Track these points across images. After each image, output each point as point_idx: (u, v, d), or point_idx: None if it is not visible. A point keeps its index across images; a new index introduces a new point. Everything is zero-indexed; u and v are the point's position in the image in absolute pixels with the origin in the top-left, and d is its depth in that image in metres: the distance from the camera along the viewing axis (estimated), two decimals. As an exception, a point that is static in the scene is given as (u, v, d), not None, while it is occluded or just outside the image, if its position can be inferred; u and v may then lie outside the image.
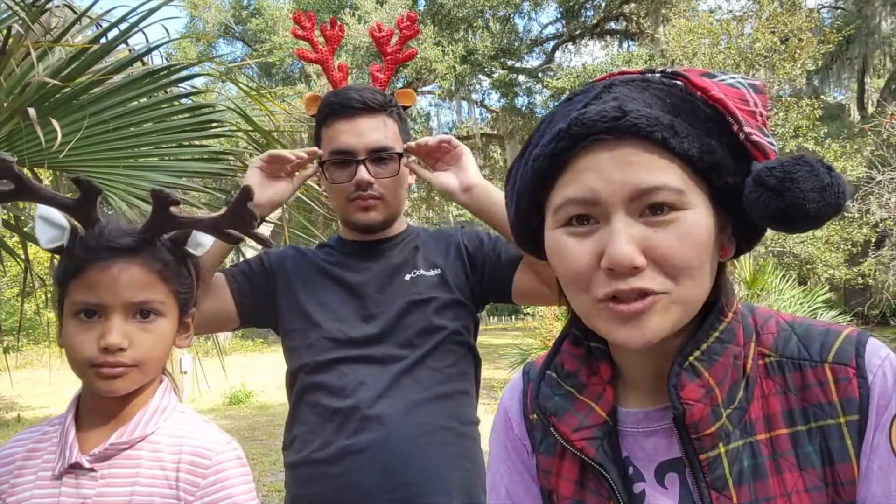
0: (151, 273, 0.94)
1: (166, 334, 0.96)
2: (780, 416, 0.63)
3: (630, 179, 0.58)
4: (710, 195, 0.61)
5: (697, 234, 0.59)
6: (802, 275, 10.64)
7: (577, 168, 0.61)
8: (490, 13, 14.33)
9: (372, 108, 1.38)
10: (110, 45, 2.00)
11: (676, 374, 0.62)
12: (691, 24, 10.90)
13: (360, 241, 1.46)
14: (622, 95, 0.61)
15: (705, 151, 0.59)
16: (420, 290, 1.39)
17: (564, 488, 0.71)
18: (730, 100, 0.61)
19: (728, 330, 0.64)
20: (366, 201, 1.38)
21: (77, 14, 2.18)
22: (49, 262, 2.81)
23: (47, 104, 1.87)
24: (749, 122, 0.61)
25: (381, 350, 1.34)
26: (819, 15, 12.63)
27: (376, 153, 1.37)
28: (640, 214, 0.59)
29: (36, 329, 8.05)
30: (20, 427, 6.99)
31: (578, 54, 27.82)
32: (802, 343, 0.65)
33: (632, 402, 0.70)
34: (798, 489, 0.61)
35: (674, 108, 0.60)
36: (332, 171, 1.40)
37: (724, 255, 0.65)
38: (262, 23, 16.34)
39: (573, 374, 0.72)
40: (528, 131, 15.10)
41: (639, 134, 0.58)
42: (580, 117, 0.59)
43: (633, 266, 0.58)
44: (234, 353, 13.71)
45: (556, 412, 0.70)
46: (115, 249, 0.91)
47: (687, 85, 0.63)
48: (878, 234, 10.45)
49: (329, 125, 1.40)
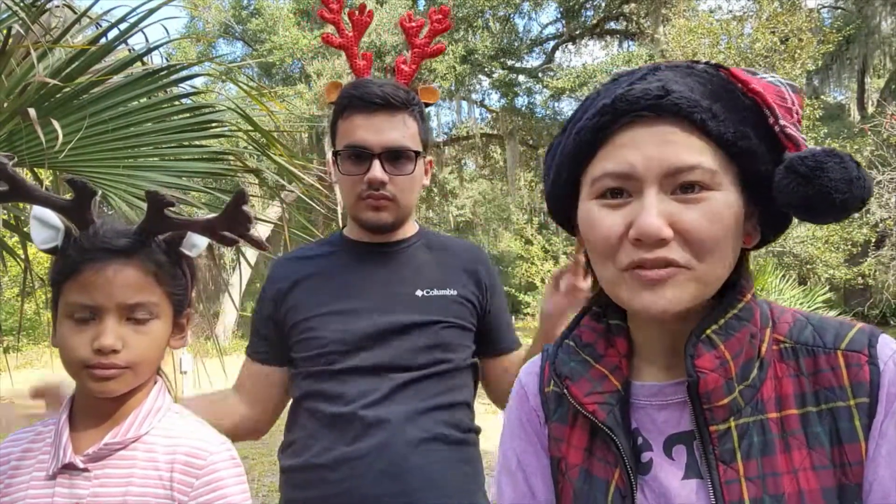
0: (146, 275, 0.93)
1: (160, 336, 0.96)
2: (792, 398, 0.65)
3: (667, 157, 0.61)
4: (741, 181, 0.64)
5: (724, 214, 0.62)
6: (802, 275, 10.64)
7: (618, 143, 0.64)
8: (490, 13, 14.32)
9: (393, 106, 1.32)
10: (110, 45, 2.00)
11: (693, 344, 0.64)
12: (691, 24, 10.90)
13: (369, 242, 1.41)
14: (667, 77, 0.64)
15: (740, 137, 0.62)
16: (433, 309, 1.35)
17: (573, 456, 0.74)
18: (768, 94, 0.63)
19: (746, 309, 0.67)
20: (377, 201, 1.33)
21: (77, 14, 2.18)
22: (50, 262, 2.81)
23: (47, 104, 1.87)
24: (785, 116, 0.63)
25: (385, 361, 1.31)
26: (819, 15, 12.63)
27: (393, 151, 1.32)
28: (671, 191, 0.62)
29: (36, 329, 8.06)
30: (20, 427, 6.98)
31: (578, 54, 27.85)
32: (817, 332, 0.67)
33: (646, 377, 0.72)
34: (805, 467, 0.62)
35: (714, 94, 0.63)
36: (346, 164, 1.34)
37: (747, 243, 0.68)
38: (262, 23, 16.34)
39: (590, 345, 0.75)
40: (528, 131, 15.07)
41: (679, 114, 0.61)
42: (625, 94, 0.63)
43: (660, 237, 0.61)
44: (234, 353, 13.72)
45: (572, 376, 0.73)
46: (110, 251, 0.91)
47: (728, 77, 0.65)
48: (878, 234, 10.45)
49: (346, 118, 1.35)
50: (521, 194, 18.32)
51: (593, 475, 0.71)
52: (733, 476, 0.63)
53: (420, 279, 1.38)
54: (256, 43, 17.06)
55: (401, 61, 1.59)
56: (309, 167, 3.22)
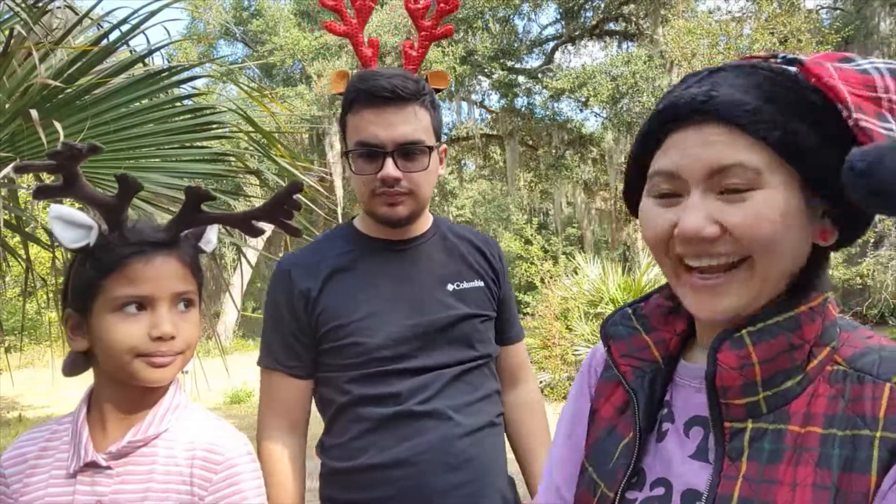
0: (186, 265, 0.99)
1: (198, 323, 1.01)
2: (821, 417, 0.63)
3: (710, 157, 0.63)
4: (801, 179, 0.63)
5: (770, 212, 0.62)
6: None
7: (668, 144, 0.67)
8: (490, 14, 14.32)
9: (402, 98, 1.26)
10: (112, 46, 2.01)
11: (721, 339, 0.66)
12: (690, 24, 10.90)
13: (386, 238, 1.38)
14: (720, 80, 0.65)
15: (788, 137, 0.62)
16: (466, 303, 1.36)
17: (606, 410, 0.80)
18: (849, 86, 0.62)
19: (793, 319, 0.65)
20: (392, 197, 1.29)
21: (78, 15, 2.19)
22: (51, 262, 2.83)
23: (49, 105, 1.88)
24: (865, 107, 0.62)
25: (431, 360, 1.32)
26: (818, 16, 12.63)
27: (406, 147, 1.27)
28: (718, 192, 0.63)
29: (37, 329, 8.06)
30: (21, 426, 6.99)
31: (578, 55, 27.84)
32: (879, 362, 0.64)
33: (695, 360, 0.75)
34: (806, 483, 0.61)
35: (769, 95, 0.63)
36: (358, 163, 1.31)
37: (823, 239, 0.67)
38: (262, 24, 16.35)
39: (647, 317, 0.78)
40: (528, 132, 15.07)
41: (722, 117, 0.63)
42: (673, 100, 0.66)
43: (702, 236, 0.63)
44: (234, 352, 13.71)
45: (615, 337, 0.78)
46: (155, 244, 0.95)
47: (801, 71, 0.65)
48: (877, 234, 10.45)
49: (355, 112, 1.29)
50: (520, 194, 18.31)
51: (616, 431, 0.77)
52: (733, 472, 0.64)
53: (448, 273, 1.38)
54: (257, 44, 17.07)
55: (408, 46, 1.53)
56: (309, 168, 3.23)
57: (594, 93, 12.70)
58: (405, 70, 1.38)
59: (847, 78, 0.63)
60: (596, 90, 12.67)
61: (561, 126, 15.16)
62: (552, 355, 7.91)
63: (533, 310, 9.15)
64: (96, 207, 0.95)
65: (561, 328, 7.96)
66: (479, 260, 1.43)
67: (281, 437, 1.34)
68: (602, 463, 0.77)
